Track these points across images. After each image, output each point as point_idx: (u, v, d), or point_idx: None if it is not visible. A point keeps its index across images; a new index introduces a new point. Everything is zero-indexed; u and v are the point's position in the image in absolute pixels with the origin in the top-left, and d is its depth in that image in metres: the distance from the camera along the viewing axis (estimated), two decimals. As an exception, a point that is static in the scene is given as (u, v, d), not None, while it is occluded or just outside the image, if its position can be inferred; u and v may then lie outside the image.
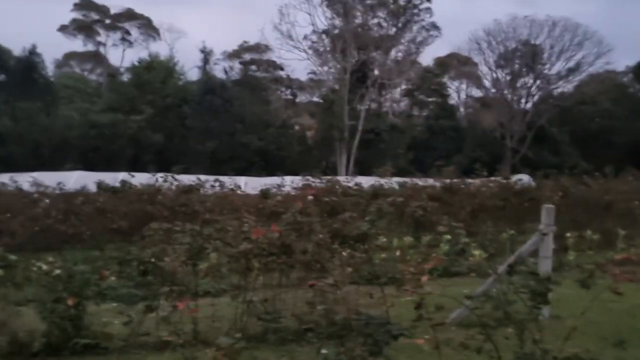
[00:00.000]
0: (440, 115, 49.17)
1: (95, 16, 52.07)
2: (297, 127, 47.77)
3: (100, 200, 10.89)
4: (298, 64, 75.87)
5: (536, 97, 48.10)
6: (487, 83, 51.85)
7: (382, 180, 14.92)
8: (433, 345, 3.70)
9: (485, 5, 76.94)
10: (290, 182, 12.93)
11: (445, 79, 56.98)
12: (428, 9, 47.61)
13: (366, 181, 18.38)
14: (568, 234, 10.05)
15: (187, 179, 13.71)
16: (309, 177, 12.62)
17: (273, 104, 46.46)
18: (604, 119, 45.48)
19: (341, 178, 21.19)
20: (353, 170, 40.29)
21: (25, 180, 17.17)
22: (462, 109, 58.56)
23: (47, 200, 10.74)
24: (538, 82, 47.74)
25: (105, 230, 8.80)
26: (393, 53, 48.28)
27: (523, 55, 47.43)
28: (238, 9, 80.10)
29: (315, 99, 53.00)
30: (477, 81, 54.27)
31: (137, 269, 5.55)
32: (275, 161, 39.95)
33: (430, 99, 52.96)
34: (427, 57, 56.37)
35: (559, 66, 46.80)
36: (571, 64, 46.39)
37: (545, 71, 47.27)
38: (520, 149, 45.18)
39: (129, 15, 52.34)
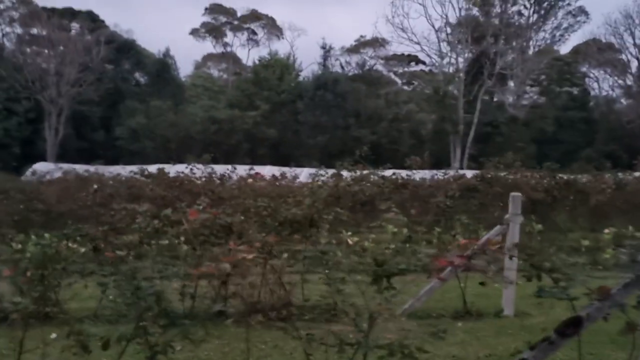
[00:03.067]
0: (569, 107, 45.62)
1: (223, 19, 55.28)
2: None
3: (137, 186, 11.72)
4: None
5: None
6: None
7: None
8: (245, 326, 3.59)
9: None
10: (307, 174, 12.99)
11: (585, 68, 52.60)
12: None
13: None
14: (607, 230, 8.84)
15: (224, 168, 14.32)
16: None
17: (388, 97, 46.05)
18: None
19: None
20: (468, 164, 38.72)
21: (128, 171, 18.84)
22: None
23: (95, 186, 11.75)
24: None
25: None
26: (531, 43, 45.76)
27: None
28: (353, 4, 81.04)
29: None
30: (622, 69, 49.35)
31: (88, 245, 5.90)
32: (386, 155, 39.61)
33: (561, 89, 49.21)
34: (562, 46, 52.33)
35: None
36: None
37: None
38: (662, 142, 40.48)
39: (254, 16, 54.82)
